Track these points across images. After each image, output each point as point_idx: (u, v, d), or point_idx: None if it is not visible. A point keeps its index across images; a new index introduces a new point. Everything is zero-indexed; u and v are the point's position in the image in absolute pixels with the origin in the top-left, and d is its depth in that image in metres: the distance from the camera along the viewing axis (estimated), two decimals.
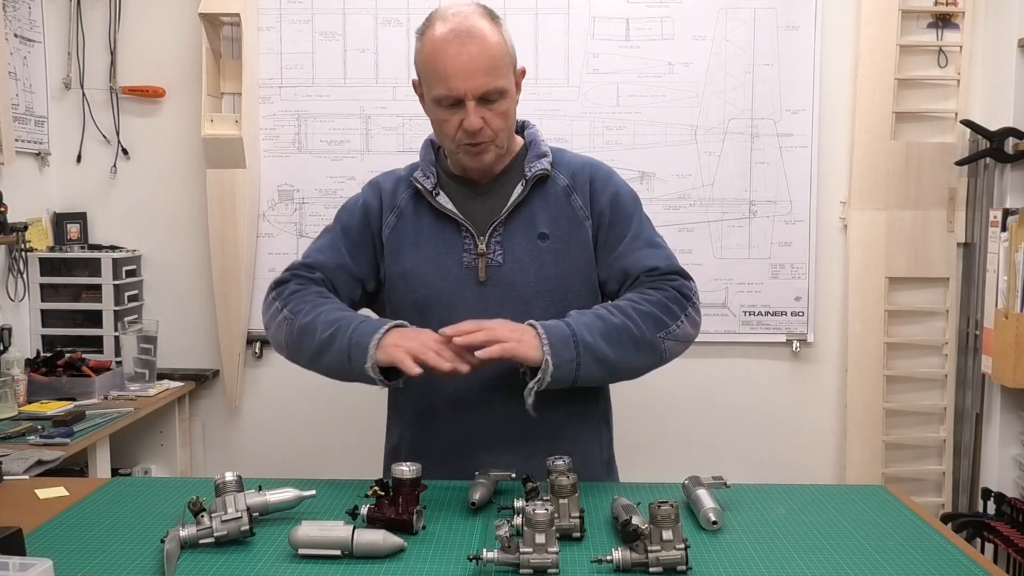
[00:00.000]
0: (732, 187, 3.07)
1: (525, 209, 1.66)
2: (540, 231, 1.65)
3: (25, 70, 2.94)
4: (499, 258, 1.64)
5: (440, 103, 1.57)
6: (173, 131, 3.12)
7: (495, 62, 1.55)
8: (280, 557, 1.25)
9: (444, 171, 1.71)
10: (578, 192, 1.68)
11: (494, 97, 1.56)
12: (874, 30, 3.00)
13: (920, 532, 1.37)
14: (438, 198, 1.66)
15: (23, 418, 2.44)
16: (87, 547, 1.29)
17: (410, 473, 1.32)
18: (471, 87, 1.54)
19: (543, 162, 1.67)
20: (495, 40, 1.56)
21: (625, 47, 3.04)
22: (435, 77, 1.56)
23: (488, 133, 1.58)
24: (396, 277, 1.68)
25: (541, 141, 1.72)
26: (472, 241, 1.65)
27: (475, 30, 1.55)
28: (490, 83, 1.55)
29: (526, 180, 1.65)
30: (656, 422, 3.08)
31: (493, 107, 1.57)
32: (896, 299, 3.10)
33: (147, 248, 3.16)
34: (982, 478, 3.00)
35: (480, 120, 1.55)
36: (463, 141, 1.58)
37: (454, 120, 1.57)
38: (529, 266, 1.63)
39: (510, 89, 1.59)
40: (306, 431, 3.16)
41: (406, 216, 1.69)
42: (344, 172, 3.07)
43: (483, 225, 1.65)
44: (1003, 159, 2.89)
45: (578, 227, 1.67)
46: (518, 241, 1.65)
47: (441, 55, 1.55)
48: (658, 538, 1.19)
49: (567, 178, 1.69)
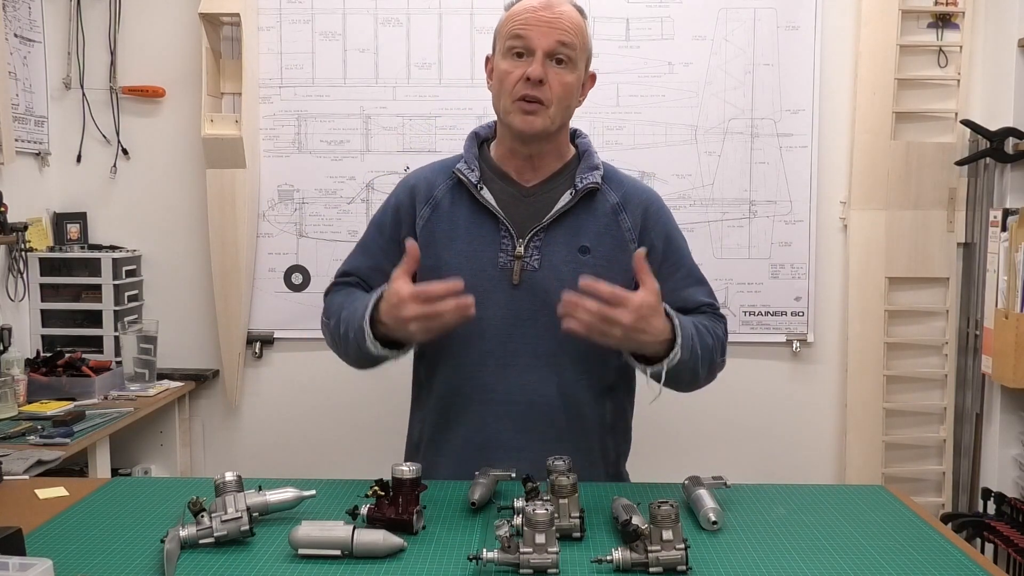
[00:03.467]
0: (732, 187, 3.07)
1: (570, 219, 1.65)
2: (582, 244, 1.64)
3: (25, 70, 2.94)
4: (535, 263, 1.63)
5: (511, 51, 1.61)
6: (173, 131, 3.12)
7: (572, 34, 1.61)
8: (280, 557, 1.25)
9: (489, 167, 1.70)
10: (628, 213, 1.68)
11: (563, 58, 1.60)
12: (874, 30, 3.00)
13: (920, 532, 1.37)
14: (482, 192, 1.65)
15: (23, 418, 2.44)
16: (87, 547, 1.29)
17: (410, 473, 1.32)
18: (545, 41, 1.58)
19: (595, 175, 1.67)
20: (578, 20, 1.66)
21: (625, 47, 3.04)
22: (514, 29, 1.61)
23: (547, 93, 1.59)
24: (428, 270, 1.63)
25: (594, 153, 1.73)
26: (510, 242, 1.63)
27: (563, 4, 1.64)
28: (562, 45, 1.59)
29: (576, 189, 1.65)
30: (656, 422, 3.07)
31: (558, 72, 1.60)
32: (896, 299, 3.10)
33: (147, 248, 3.16)
34: (982, 478, 3.00)
35: (543, 70, 1.58)
36: (520, 93, 1.59)
37: (518, 71, 1.60)
38: (566, 276, 1.60)
39: (579, 65, 1.63)
40: (306, 431, 3.16)
41: (442, 207, 1.68)
42: (344, 172, 3.07)
43: (524, 227, 1.64)
44: (1003, 159, 2.89)
45: (623, 248, 1.66)
46: (558, 250, 1.63)
47: (526, 11, 1.62)
48: (658, 538, 1.19)
49: (618, 196, 1.69)
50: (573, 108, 1.67)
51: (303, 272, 3.11)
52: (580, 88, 1.67)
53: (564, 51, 1.60)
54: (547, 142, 1.67)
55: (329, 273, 3.02)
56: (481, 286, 1.61)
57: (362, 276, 1.72)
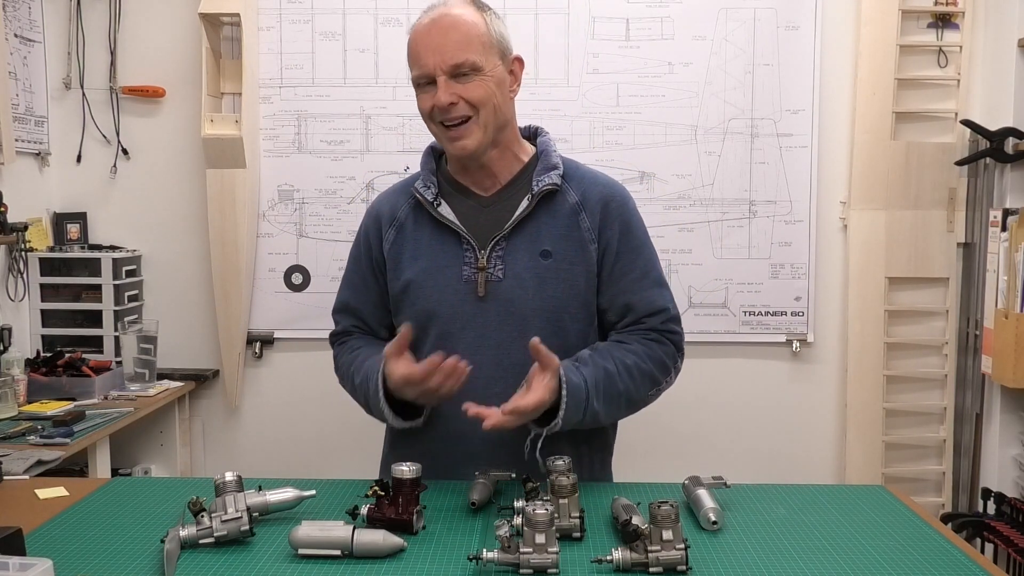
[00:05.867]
0: (732, 187, 3.07)
1: (530, 224, 1.62)
2: (543, 248, 1.61)
3: (25, 70, 2.94)
4: (499, 273, 1.60)
5: (418, 86, 1.58)
6: (173, 131, 3.12)
7: (466, 38, 1.55)
8: (280, 557, 1.25)
9: (447, 180, 1.68)
10: (587, 212, 1.63)
11: (466, 71, 1.54)
12: (874, 30, 3.00)
13: (920, 532, 1.37)
14: (439, 208, 1.63)
15: (23, 418, 2.44)
16: (87, 547, 1.29)
17: (410, 473, 1.32)
18: (439, 61, 1.54)
19: (552, 175, 1.62)
20: (470, 19, 1.56)
21: (625, 47, 3.04)
22: (412, 61, 1.58)
23: (463, 109, 1.55)
24: (397, 290, 1.66)
25: (553, 152, 1.67)
26: (473, 254, 1.61)
27: (451, 13, 1.57)
28: (458, 56, 1.53)
29: (532, 195, 1.61)
30: (656, 422, 3.07)
31: (467, 83, 1.54)
32: (896, 299, 3.10)
33: (147, 248, 3.16)
34: (982, 478, 3.00)
35: (450, 96, 1.53)
36: (437, 120, 1.57)
37: (430, 101, 1.56)
38: (529, 283, 1.59)
39: (485, 66, 1.55)
40: (306, 431, 3.16)
41: (406, 228, 1.67)
42: (344, 172, 3.07)
43: (485, 238, 1.62)
44: (1003, 159, 2.89)
45: (583, 249, 1.62)
46: (519, 257, 1.61)
47: (416, 38, 1.58)
48: (658, 538, 1.19)
49: (578, 195, 1.64)
50: (505, 105, 1.60)
51: (303, 272, 3.11)
52: (504, 82, 1.59)
53: (462, 59, 1.53)
54: (493, 148, 1.62)
55: (329, 273, 3.07)
56: (448, 301, 1.61)
57: (354, 309, 1.74)
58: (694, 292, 3.09)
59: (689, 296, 3.08)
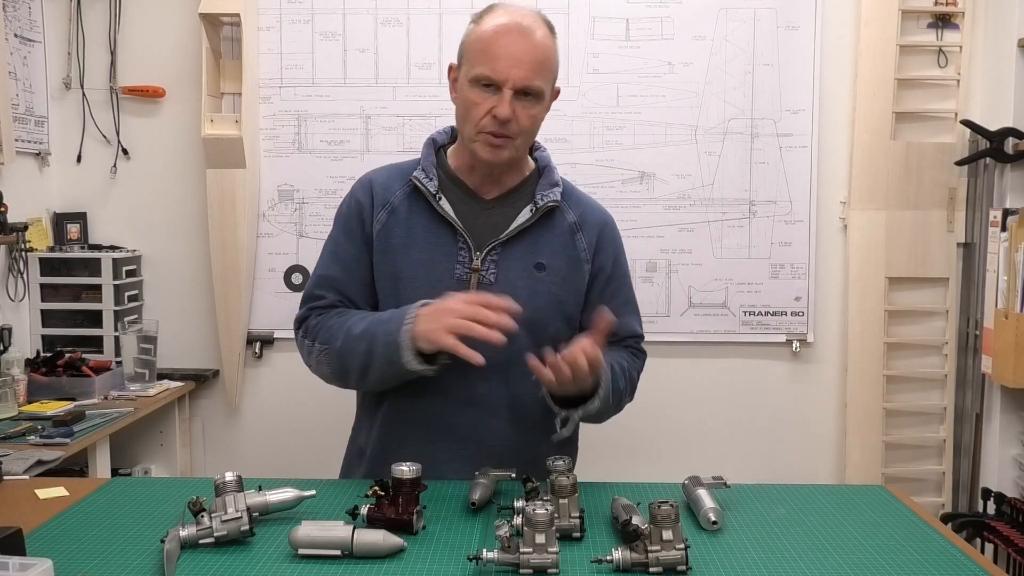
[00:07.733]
0: (732, 187, 3.07)
1: (528, 235, 1.64)
2: (538, 260, 1.64)
3: (25, 70, 2.94)
4: (491, 277, 1.62)
5: (477, 82, 1.56)
6: (173, 131, 3.12)
7: (543, 64, 1.58)
8: (280, 557, 1.25)
9: (447, 175, 1.68)
10: (584, 233, 1.68)
11: (532, 94, 1.57)
12: (874, 30, 3.00)
13: (920, 532, 1.37)
14: (441, 202, 1.63)
15: (23, 418, 2.44)
16: (87, 547, 1.29)
17: (410, 473, 1.32)
18: (515, 76, 1.54)
19: (555, 192, 1.66)
20: (549, 44, 1.60)
21: (625, 47, 3.04)
22: (483, 57, 1.56)
23: (514, 128, 1.57)
24: (385, 277, 1.64)
25: (554, 169, 1.71)
26: (468, 253, 1.62)
27: (535, 29, 1.58)
28: (533, 79, 1.56)
29: (536, 207, 1.64)
30: (656, 422, 3.08)
31: (526, 105, 1.57)
32: (896, 299, 3.10)
33: (147, 248, 3.16)
34: (982, 478, 3.00)
35: (511, 111, 1.55)
36: (487, 128, 1.57)
37: (485, 105, 1.56)
38: (521, 292, 1.59)
39: (546, 96, 1.60)
40: (306, 431, 3.16)
41: (399, 213, 1.66)
42: (344, 172, 3.07)
43: (482, 241, 1.63)
44: (1003, 159, 2.89)
45: (577, 268, 1.67)
46: (514, 265, 1.63)
47: (496, 37, 1.56)
48: (658, 538, 1.19)
49: (576, 215, 1.69)
50: (537, 131, 1.65)
51: (303, 272, 3.11)
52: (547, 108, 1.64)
53: (535, 83, 1.56)
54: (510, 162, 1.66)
55: None
56: (436, 296, 1.59)
57: (341, 285, 1.67)
58: (694, 292, 3.09)
59: (689, 296, 3.09)
